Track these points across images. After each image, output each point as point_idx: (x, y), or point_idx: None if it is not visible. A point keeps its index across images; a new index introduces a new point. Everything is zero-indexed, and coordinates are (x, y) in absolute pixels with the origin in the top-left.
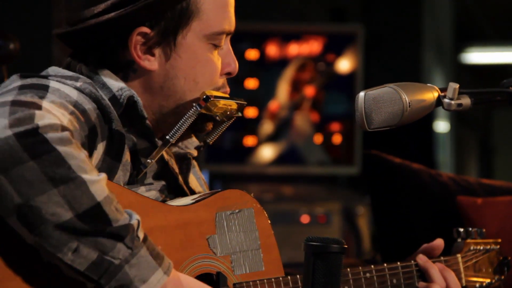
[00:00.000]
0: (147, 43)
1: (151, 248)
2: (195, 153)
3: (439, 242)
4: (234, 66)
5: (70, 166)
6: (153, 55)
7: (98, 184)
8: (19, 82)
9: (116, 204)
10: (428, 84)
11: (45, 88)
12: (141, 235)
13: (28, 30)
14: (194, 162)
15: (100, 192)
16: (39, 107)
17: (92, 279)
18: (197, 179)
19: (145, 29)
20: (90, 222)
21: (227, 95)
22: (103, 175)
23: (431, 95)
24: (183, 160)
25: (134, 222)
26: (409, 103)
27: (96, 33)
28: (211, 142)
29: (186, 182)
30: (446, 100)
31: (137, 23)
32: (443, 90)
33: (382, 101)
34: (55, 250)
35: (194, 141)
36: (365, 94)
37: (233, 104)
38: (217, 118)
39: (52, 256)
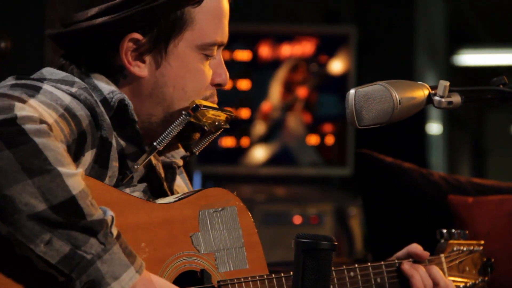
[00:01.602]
0: (138, 50)
1: (124, 246)
2: (180, 162)
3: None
4: (224, 77)
5: (46, 157)
6: (143, 61)
7: (74, 178)
8: (12, 82)
9: (91, 199)
10: (419, 82)
11: (37, 89)
12: (114, 231)
13: (21, 30)
14: (182, 169)
15: (76, 186)
16: (23, 101)
17: (63, 272)
18: (185, 185)
19: (137, 36)
20: (64, 215)
21: (216, 106)
22: (80, 170)
23: (421, 92)
24: (168, 169)
25: (108, 218)
26: (399, 100)
27: (89, 36)
28: (198, 152)
29: (171, 191)
30: (436, 98)
31: (130, 29)
32: (434, 88)
33: (372, 99)
34: (28, 241)
35: (180, 151)
36: (355, 92)
37: (222, 115)
38: (206, 128)
39: (24, 248)
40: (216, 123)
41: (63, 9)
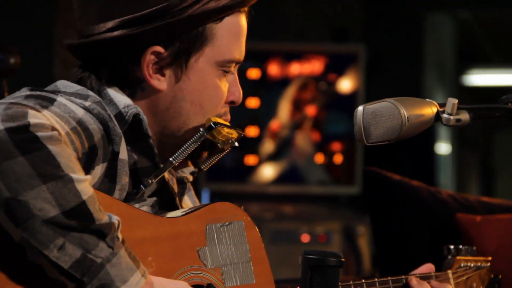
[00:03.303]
0: (159, 63)
1: (128, 251)
2: (190, 178)
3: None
4: (238, 95)
5: (59, 164)
6: (163, 75)
7: (84, 183)
8: (27, 93)
9: (99, 205)
10: (427, 99)
11: (51, 101)
12: (120, 236)
13: (30, 45)
14: (190, 186)
15: (85, 191)
16: (36, 110)
17: (75, 278)
18: (192, 202)
19: (159, 49)
20: (76, 220)
21: (228, 124)
22: (89, 176)
23: (430, 110)
24: (179, 184)
25: (115, 222)
26: (407, 117)
27: (111, 48)
28: (205, 169)
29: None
30: (445, 115)
31: (153, 41)
32: (442, 105)
33: (380, 116)
34: (42, 246)
35: (189, 167)
36: (363, 108)
37: (234, 133)
38: (219, 145)
39: (37, 254)
40: (230, 141)
41: (83, 21)
